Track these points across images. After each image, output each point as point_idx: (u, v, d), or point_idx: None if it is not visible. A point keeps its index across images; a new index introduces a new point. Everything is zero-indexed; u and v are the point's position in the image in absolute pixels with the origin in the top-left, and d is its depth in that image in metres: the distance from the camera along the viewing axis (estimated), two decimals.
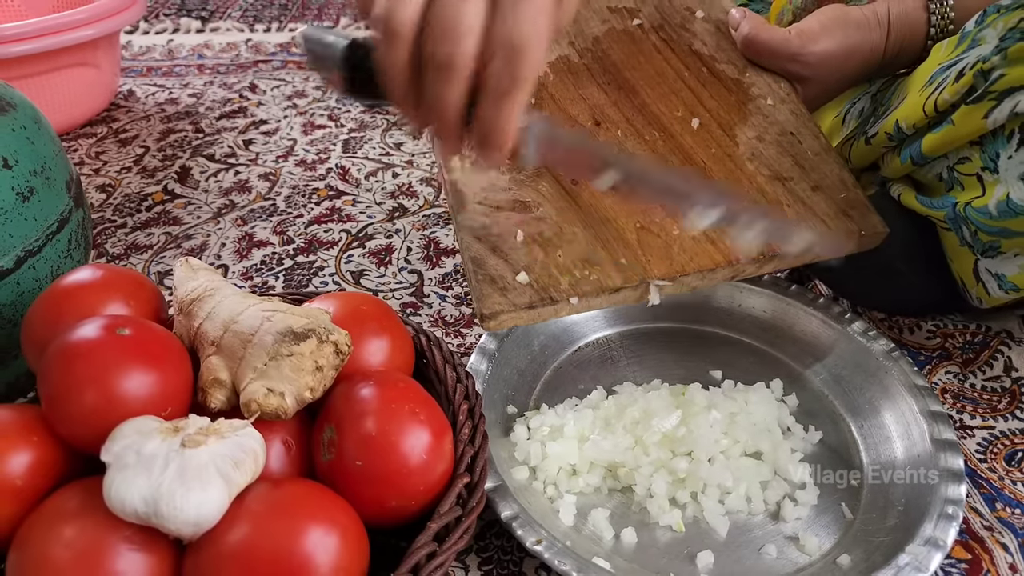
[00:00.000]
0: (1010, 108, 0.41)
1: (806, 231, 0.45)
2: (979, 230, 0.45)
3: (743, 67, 0.55)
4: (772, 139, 0.50)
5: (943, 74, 0.46)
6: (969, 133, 0.44)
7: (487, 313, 0.42)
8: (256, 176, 0.74)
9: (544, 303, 0.43)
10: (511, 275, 0.44)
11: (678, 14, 0.58)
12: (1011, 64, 0.41)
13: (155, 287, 0.42)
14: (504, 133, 0.34)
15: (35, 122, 0.49)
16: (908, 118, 0.47)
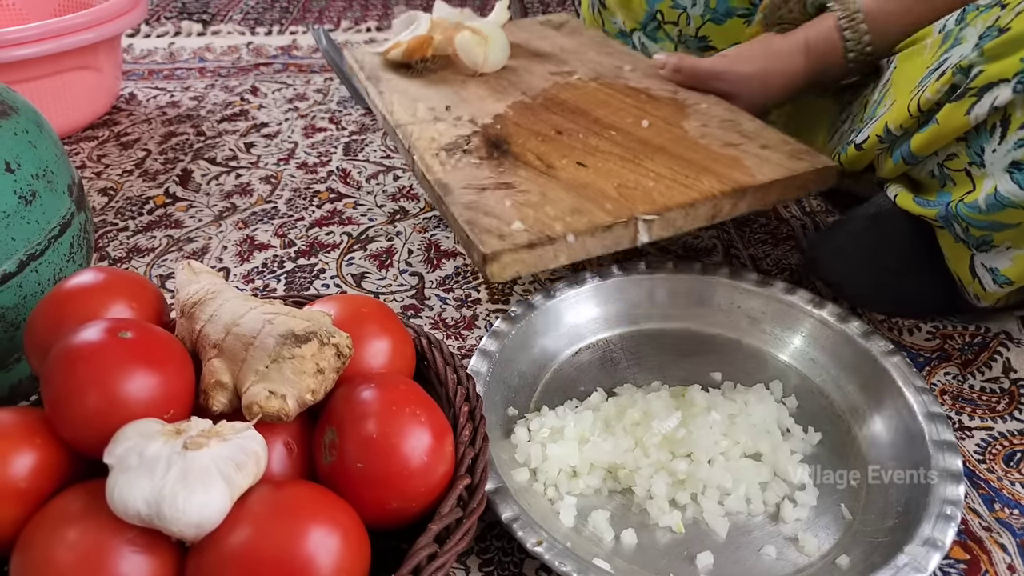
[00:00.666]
0: (990, 103, 0.42)
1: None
2: (970, 226, 0.45)
3: (674, 90, 0.63)
4: (715, 124, 0.58)
5: (929, 76, 0.47)
6: (954, 130, 0.45)
7: (489, 253, 0.44)
8: (257, 179, 0.75)
9: (543, 242, 0.45)
10: (506, 226, 0.47)
11: (609, 69, 0.67)
12: (988, 60, 0.42)
13: (157, 290, 0.42)
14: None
15: (37, 126, 0.49)
16: (895, 119, 0.49)
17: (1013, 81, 0.41)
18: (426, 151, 0.56)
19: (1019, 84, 0.41)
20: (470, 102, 0.63)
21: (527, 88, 0.64)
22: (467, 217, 0.48)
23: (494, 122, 0.59)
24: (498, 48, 0.67)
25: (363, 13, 1.26)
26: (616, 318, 0.54)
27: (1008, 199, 0.42)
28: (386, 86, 0.66)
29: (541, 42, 0.74)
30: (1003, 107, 0.42)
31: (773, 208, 0.69)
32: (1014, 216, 0.43)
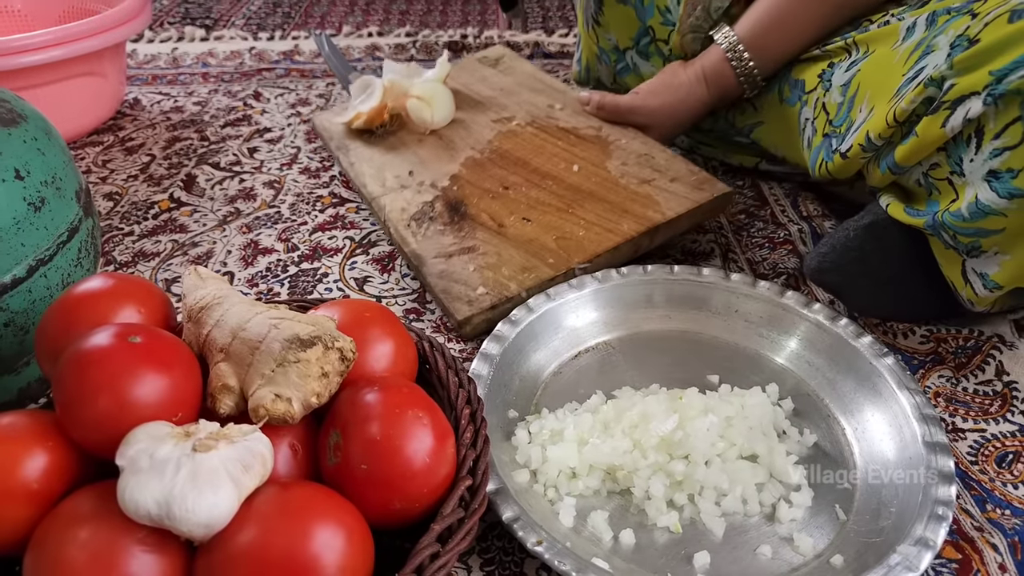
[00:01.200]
0: (963, 115, 0.44)
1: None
2: (957, 233, 0.47)
3: (599, 127, 0.72)
4: (633, 161, 0.66)
5: (907, 86, 0.48)
6: (933, 142, 0.46)
7: (461, 319, 0.54)
8: (261, 184, 0.75)
9: (502, 302, 0.55)
10: (472, 292, 0.56)
11: (542, 110, 0.76)
12: (960, 73, 0.44)
13: (164, 295, 0.43)
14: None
15: (45, 133, 0.50)
16: (876, 129, 0.50)
17: (983, 94, 0.42)
18: (399, 222, 0.64)
19: (989, 97, 0.42)
20: (428, 164, 0.71)
21: (475, 142, 0.73)
22: (441, 287, 0.57)
23: (451, 184, 0.68)
24: (442, 107, 0.75)
25: (364, 18, 1.27)
26: (615, 321, 0.55)
27: (989, 207, 0.43)
28: (355, 155, 0.74)
29: (481, 85, 0.83)
30: (976, 119, 0.43)
31: (770, 213, 0.70)
32: (997, 222, 0.44)
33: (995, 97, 0.42)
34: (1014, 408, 0.48)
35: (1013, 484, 0.44)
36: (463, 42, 1.11)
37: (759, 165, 0.76)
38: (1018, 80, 0.41)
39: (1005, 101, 0.42)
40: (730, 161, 0.77)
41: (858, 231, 0.54)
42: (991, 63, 0.42)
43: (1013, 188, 0.42)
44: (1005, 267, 0.46)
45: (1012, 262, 0.46)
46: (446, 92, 0.76)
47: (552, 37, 1.14)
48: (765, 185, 0.75)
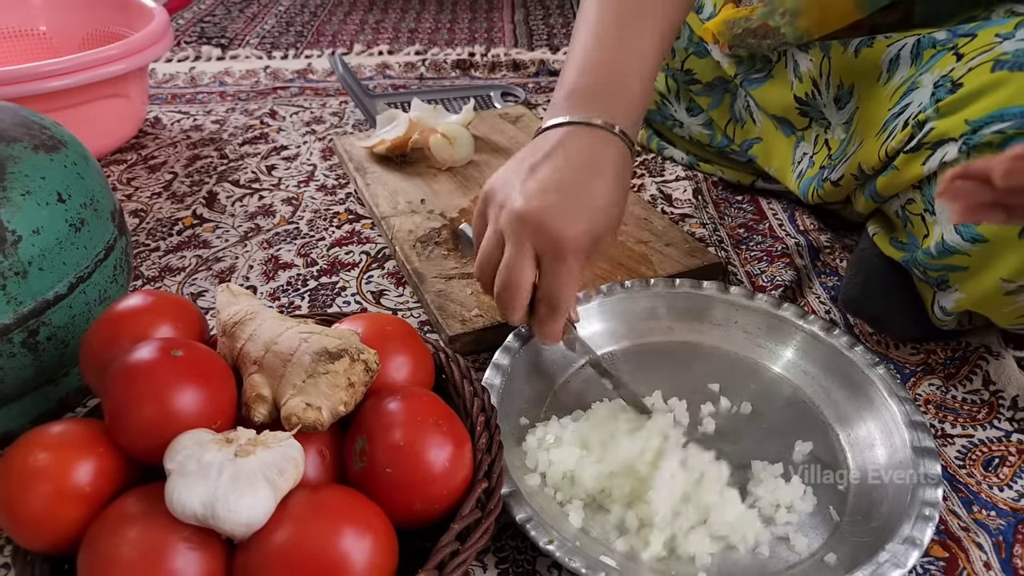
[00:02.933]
0: (940, 158, 0.46)
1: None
2: (927, 269, 0.49)
3: None
4: (632, 223, 0.70)
5: (894, 121, 0.51)
6: (911, 178, 0.49)
7: (453, 336, 0.57)
8: (280, 200, 0.79)
9: (493, 326, 0.57)
10: (467, 312, 0.59)
11: None
12: (941, 117, 0.46)
13: (198, 311, 0.46)
14: (550, 336, 0.50)
15: (83, 158, 0.53)
16: (866, 161, 0.53)
17: (959, 141, 0.45)
18: (404, 242, 0.67)
19: (964, 145, 0.45)
20: (440, 196, 0.74)
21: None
22: (437, 304, 0.60)
23: (460, 216, 0.71)
24: (463, 147, 0.79)
25: (375, 37, 1.30)
26: (620, 333, 0.58)
27: (954, 247, 0.46)
28: (372, 178, 0.78)
29: (499, 137, 0.87)
30: (951, 162, 0.46)
31: (768, 227, 0.73)
32: (961, 261, 0.47)
33: (970, 147, 0.44)
34: (1000, 415, 0.51)
35: (999, 487, 0.46)
36: (471, 60, 1.14)
37: (755, 183, 0.78)
38: (991, 134, 0.43)
39: (978, 152, 0.44)
40: (727, 177, 0.80)
41: (883, 256, 0.56)
42: (969, 111, 0.45)
43: (976, 233, 0.45)
44: (959, 302, 0.49)
45: (965, 298, 0.49)
46: (468, 135, 0.80)
47: (557, 55, 1.17)
48: (764, 200, 0.77)
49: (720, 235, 0.72)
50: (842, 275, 0.65)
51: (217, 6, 1.50)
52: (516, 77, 1.11)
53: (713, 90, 0.75)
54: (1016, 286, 0.46)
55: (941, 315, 0.52)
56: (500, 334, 0.57)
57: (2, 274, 0.44)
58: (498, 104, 1.00)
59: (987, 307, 0.49)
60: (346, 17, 1.42)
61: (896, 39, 0.55)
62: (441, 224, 0.70)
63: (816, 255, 0.68)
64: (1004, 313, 0.49)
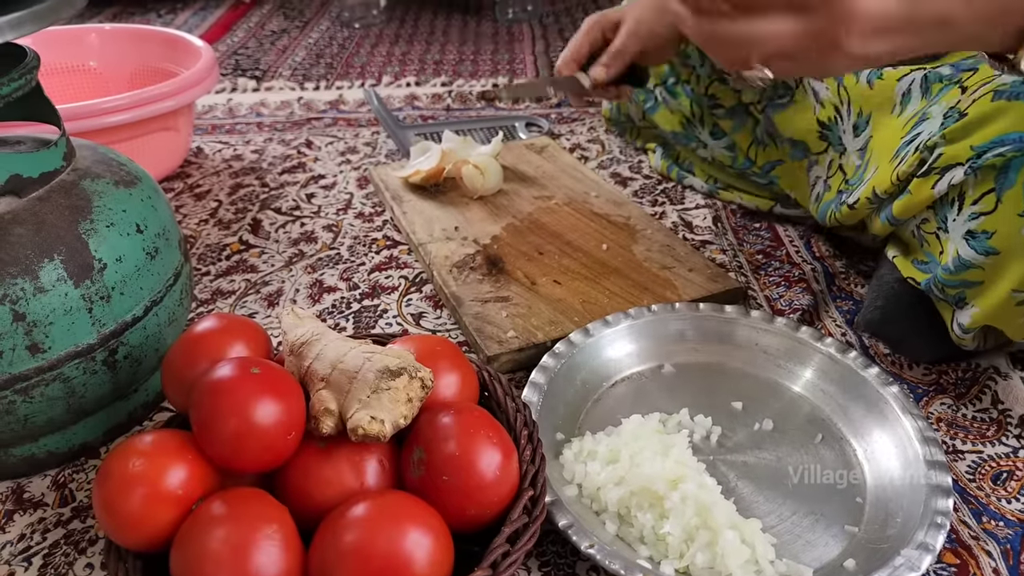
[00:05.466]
0: (948, 181, 0.51)
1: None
2: (945, 286, 0.53)
3: (628, 216, 0.80)
4: (656, 249, 0.74)
5: (905, 148, 0.55)
6: (923, 201, 0.53)
7: (491, 356, 0.61)
8: (320, 227, 0.83)
9: (528, 347, 0.62)
10: (503, 333, 0.63)
11: (579, 195, 0.85)
12: (948, 143, 0.51)
13: (264, 331, 0.50)
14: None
15: (155, 191, 0.58)
16: (880, 185, 0.57)
17: (965, 165, 0.49)
18: (442, 267, 0.72)
19: (969, 169, 0.49)
20: (473, 223, 0.79)
21: (516, 212, 0.82)
22: (475, 326, 0.64)
23: (492, 242, 0.76)
24: (493, 177, 0.84)
25: (401, 68, 1.36)
26: (647, 354, 0.61)
27: (969, 261, 0.50)
28: (408, 207, 0.83)
29: (526, 166, 0.92)
30: (959, 184, 0.50)
31: (785, 253, 0.77)
32: (976, 275, 0.51)
33: (974, 169, 0.49)
34: (1008, 432, 0.54)
35: (1007, 499, 0.49)
36: (495, 91, 1.19)
37: (773, 209, 0.82)
38: (993, 157, 0.47)
39: (983, 173, 0.49)
40: (747, 204, 0.84)
41: (902, 281, 0.59)
42: (973, 137, 0.49)
43: (988, 246, 0.49)
44: (975, 317, 0.53)
45: (980, 313, 0.52)
46: (497, 165, 0.85)
47: None
48: (780, 227, 0.81)
49: (740, 261, 0.76)
50: (857, 299, 0.69)
51: (250, 39, 1.56)
52: (539, 108, 1.16)
53: (736, 114, 0.79)
54: None
55: (960, 333, 0.55)
56: (534, 355, 0.61)
57: (90, 298, 0.49)
58: (523, 134, 1.05)
59: (1002, 320, 0.52)
60: (373, 49, 1.48)
61: (905, 72, 0.60)
62: (475, 250, 0.74)
63: (832, 280, 0.72)
64: (1018, 325, 0.52)
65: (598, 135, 1.06)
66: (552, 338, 0.62)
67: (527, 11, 1.63)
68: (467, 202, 0.83)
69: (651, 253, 0.73)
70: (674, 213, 0.85)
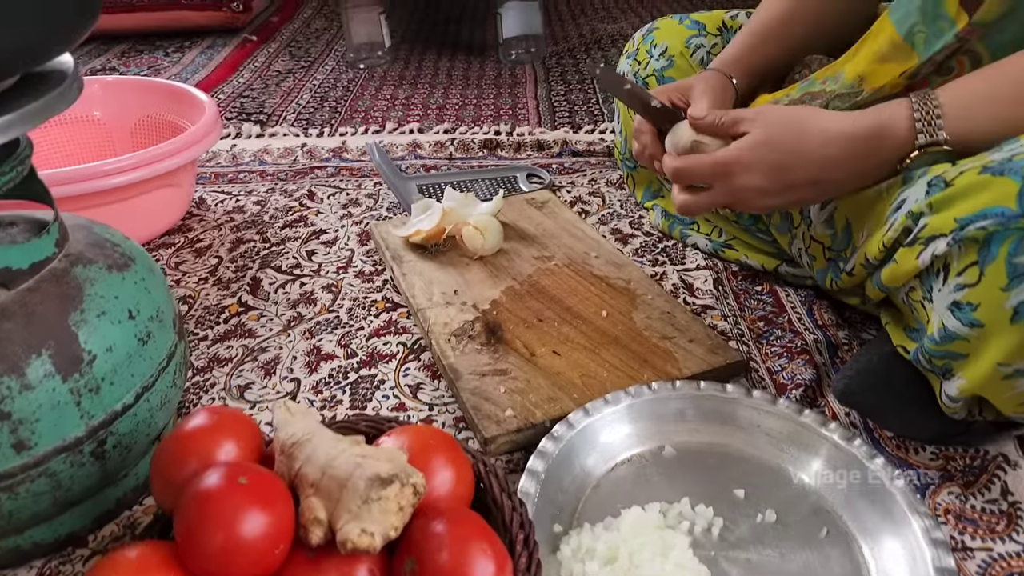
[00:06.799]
0: (931, 251, 0.50)
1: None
2: (932, 357, 0.53)
3: (628, 280, 0.79)
4: (656, 317, 0.73)
5: (893, 215, 0.55)
6: (909, 271, 0.53)
7: (488, 437, 0.60)
8: (320, 288, 0.83)
9: (527, 428, 0.61)
10: (501, 412, 0.62)
11: (579, 255, 0.84)
12: (934, 213, 0.50)
13: (256, 427, 0.49)
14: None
15: (150, 271, 0.57)
16: (871, 252, 0.58)
17: (949, 237, 0.49)
18: (440, 335, 0.71)
19: (952, 241, 0.49)
20: (473, 286, 0.79)
21: (516, 273, 0.81)
22: (473, 403, 0.63)
23: (491, 308, 0.75)
24: (493, 237, 0.83)
25: (405, 113, 1.36)
26: (647, 434, 0.60)
27: (955, 333, 0.50)
28: (408, 267, 0.82)
29: (527, 223, 0.91)
30: (943, 256, 0.50)
31: (787, 320, 0.76)
32: (961, 347, 0.50)
33: (958, 241, 0.48)
34: (1019, 528, 0.53)
35: None
36: (497, 140, 1.19)
37: (779, 268, 0.81)
38: (975, 230, 0.47)
39: (965, 245, 0.48)
40: (751, 263, 0.83)
41: (883, 357, 0.59)
42: (957, 209, 0.49)
43: (973, 318, 0.48)
44: (961, 389, 0.52)
45: (967, 384, 0.52)
46: (498, 225, 0.84)
47: (579, 134, 1.22)
48: (782, 291, 0.80)
49: (741, 328, 0.75)
50: None
51: (256, 79, 1.57)
52: (540, 157, 1.16)
53: None
54: (1012, 370, 0.48)
55: (949, 403, 0.54)
56: (532, 435, 0.60)
57: (78, 391, 0.48)
58: (524, 185, 1.05)
59: (989, 392, 0.51)
60: (377, 92, 1.49)
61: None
62: (474, 317, 0.73)
63: (835, 352, 0.71)
64: (1006, 399, 0.51)
65: (599, 187, 1.05)
66: (551, 417, 0.61)
67: (530, 52, 1.64)
68: (467, 262, 0.83)
69: (651, 321, 0.72)
70: (675, 274, 0.84)
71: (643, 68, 0.85)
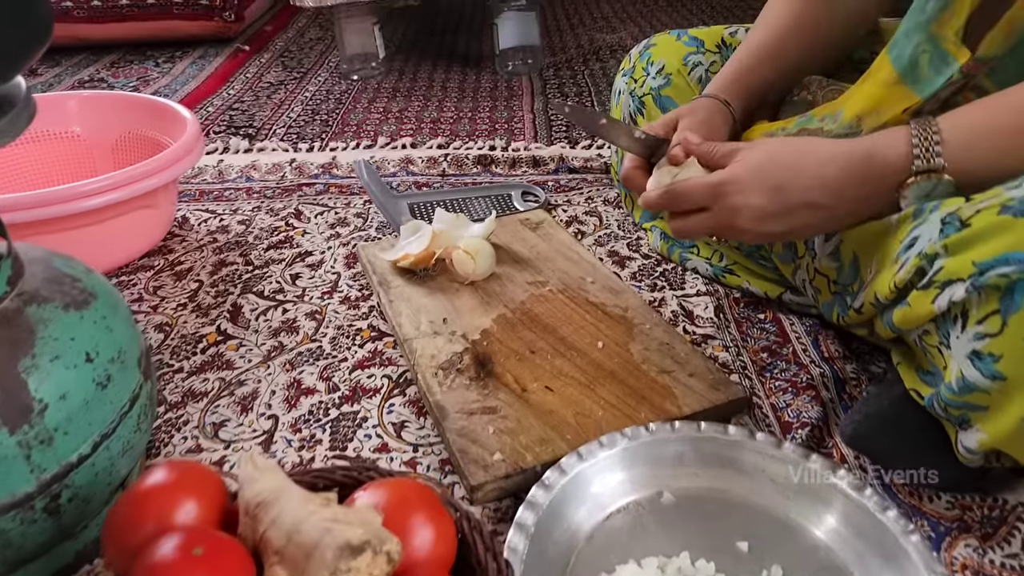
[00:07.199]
0: (948, 297, 0.47)
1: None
2: (948, 406, 0.49)
3: (625, 308, 0.75)
4: (655, 348, 0.70)
5: (904, 254, 0.52)
6: (924, 315, 0.50)
7: (474, 485, 0.56)
8: (303, 314, 0.79)
9: (516, 473, 0.56)
10: (489, 456, 0.58)
11: (575, 280, 0.80)
12: (950, 255, 0.47)
13: (220, 481, 0.45)
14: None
15: (113, 308, 0.53)
16: (881, 291, 0.54)
17: (967, 282, 0.45)
18: (427, 369, 0.67)
19: (971, 287, 0.45)
20: (463, 314, 0.75)
21: (509, 300, 0.77)
22: (459, 445, 0.59)
23: (481, 338, 0.71)
24: (484, 262, 0.80)
25: (398, 127, 1.33)
26: (644, 479, 0.57)
27: (974, 384, 0.46)
28: (395, 293, 0.79)
29: (521, 246, 0.88)
30: (959, 302, 0.46)
31: (792, 351, 0.72)
32: (981, 399, 0.47)
33: (977, 288, 0.45)
34: None
35: None
36: (491, 156, 1.16)
37: (783, 296, 0.78)
38: (996, 276, 0.44)
39: (986, 292, 0.45)
40: (753, 290, 0.80)
41: (893, 401, 0.56)
42: (976, 252, 0.45)
43: (995, 370, 0.45)
44: (981, 442, 0.49)
45: (987, 439, 0.48)
46: (489, 249, 0.81)
47: (576, 150, 1.19)
48: (786, 320, 0.77)
49: (743, 360, 0.72)
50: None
51: (246, 91, 1.54)
52: (536, 173, 1.13)
53: None
54: None
55: (966, 453, 0.51)
56: (522, 480, 0.56)
57: (27, 444, 0.44)
58: (518, 204, 1.01)
59: (1012, 447, 0.48)
60: (370, 105, 1.46)
61: None
62: (463, 348, 0.70)
63: (842, 387, 0.67)
64: None
65: (596, 206, 1.02)
66: (542, 461, 0.57)
67: (528, 64, 1.61)
68: (457, 288, 0.79)
69: (649, 353, 0.69)
70: (674, 300, 0.81)
71: (639, 86, 0.82)
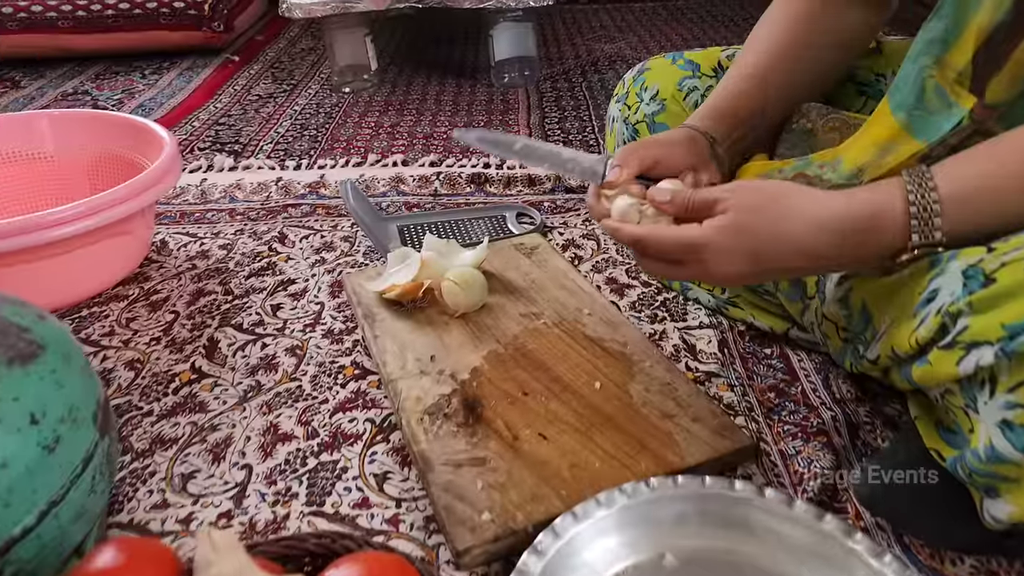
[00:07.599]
0: (975, 361, 0.42)
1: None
2: (973, 473, 0.45)
3: (624, 343, 0.71)
4: (656, 389, 0.65)
5: (924, 308, 0.47)
6: (947, 376, 0.45)
7: (461, 549, 0.52)
8: (283, 350, 0.75)
9: (506, 535, 0.52)
10: (477, 515, 0.54)
11: (571, 313, 0.76)
12: (976, 313, 0.43)
13: (174, 561, 0.41)
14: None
15: (66, 359, 0.49)
16: (899, 346, 0.50)
17: (996, 347, 0.41)
18: (412, 414, 0.63)
19: (1000, 351, 0.41)
20: (452, 351, 0.70)
21: (501, 334, 0.73)
22: (445, 502, 0.55)
23: (471, 378, 0.67)
24: (475, 293, 0.75)
25: (389, 144, 1.29)
26: (645, 542, 0.52)
27: (1004, 456, 0.42)
28: (380, 328, 0.74)
29: (514, 273, 0.83)
30: (987, 367, 0.42)
31: (801, 391, 0.68)
32: (1012, 471, 0.43)
33: (1007, 353, 0.41)
34: None
35: None
36: (485, 175, 1.12)
37: (789, 332, 0.74)
38: None
39: (1018, 358, 0.40)
40: (759, 325, 0.75)
41: (911, 459, 0.52)
42: (1005, 313, 0.41)
43: None
44: (1012, 516, 0.45)
45: (1017, 512, 0.44)
46: (481, 279, 0.76)
47: None
48: (795, 356, 0.73)
49: (750, 400, 0.67)
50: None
51: (234, 104, 1.50)
52: (531, 193, 1.09)
53: None
54: None
55: (993, 523, 0.47)
56: (513, 542, 0.52)
57: None
58: (513, 226, 0.97)
59: None
60: (360, 119, 1.41)
61: None
62: (451, 389, 0.66)
63: (855, 432, 0.63)
64: None
65: (593, 228, 0.98)
66: (534, 522, 0.53)
67: (524, 76, 1.57)
68: (447, 321, 0.75)
69: (650, 395, 0.65)
70: (676, 333, 0.76)
71: (633, 113, 0.77)
